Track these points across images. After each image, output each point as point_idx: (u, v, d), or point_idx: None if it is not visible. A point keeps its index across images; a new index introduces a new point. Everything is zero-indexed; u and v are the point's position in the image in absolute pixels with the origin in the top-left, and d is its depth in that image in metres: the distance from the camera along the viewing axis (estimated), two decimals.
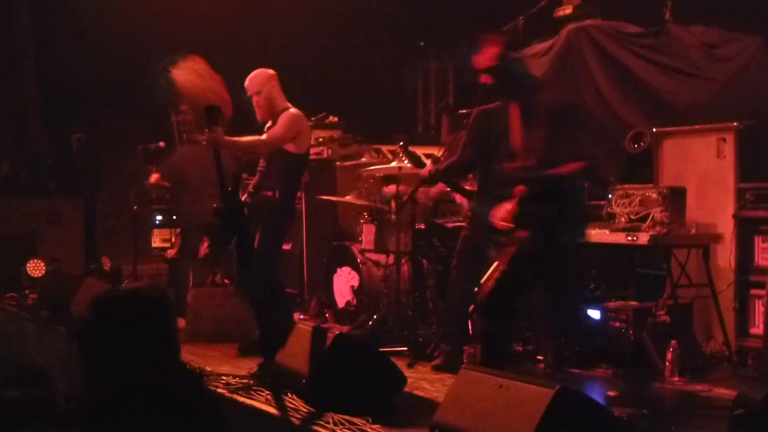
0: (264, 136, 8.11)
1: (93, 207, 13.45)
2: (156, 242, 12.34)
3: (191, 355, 8.12)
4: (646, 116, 9.26)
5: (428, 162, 8.00)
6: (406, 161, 8.27)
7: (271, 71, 8.34)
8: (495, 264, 8.19)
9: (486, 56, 6.01)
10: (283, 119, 8.04)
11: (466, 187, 8.20)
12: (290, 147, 8.06)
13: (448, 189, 8.91)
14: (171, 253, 11.47)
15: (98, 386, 3.23)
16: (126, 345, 3.25)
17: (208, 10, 13.29)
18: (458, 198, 9.09)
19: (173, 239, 11.62)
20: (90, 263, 12.52)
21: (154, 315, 3.34)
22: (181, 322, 9.26)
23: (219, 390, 6.65)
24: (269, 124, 8.24)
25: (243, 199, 7.94)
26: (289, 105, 8.23)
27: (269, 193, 8.10)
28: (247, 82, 8.30)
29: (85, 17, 13.32)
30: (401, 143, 8.29)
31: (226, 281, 9.92)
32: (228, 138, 7.61)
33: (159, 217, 12.26)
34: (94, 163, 13.16)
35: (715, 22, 9.55)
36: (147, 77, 8.15)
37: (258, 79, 8.27)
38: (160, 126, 11.40)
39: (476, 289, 7.90)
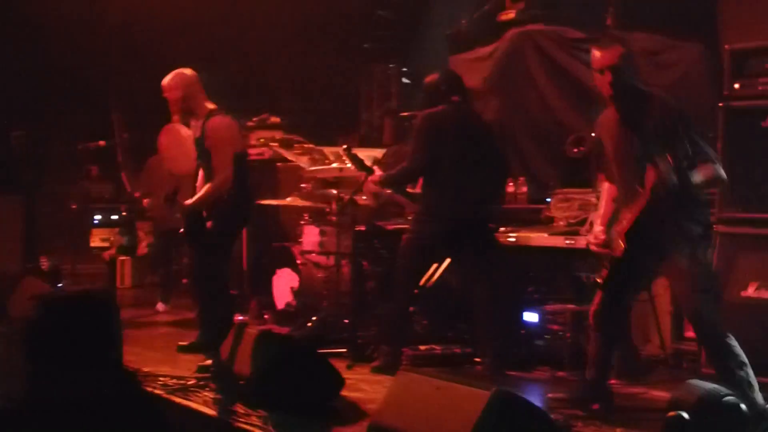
0: (217, 178, 8.06)
1: (32, 205, 13.30)
2: (95, 242, 12.26)
3: (130, 356, 8.07)
4: (587, 121, 9.30)
5: (376, 168, 8.01)
6: (349, 164, 8.26)
7: (189, 71, 8.39)
8: (434, 266, 8.26)
9: (610, 54, 5.95)
10: (216, 137, 8.12)
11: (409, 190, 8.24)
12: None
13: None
14: (109, 253, 11.41)
15: (38, 386, 3.21)
16: (70, 346, 3.22)
17: (153, 8, 13.20)
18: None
19: (112, 239, 11.54)
20: (29, 262, 12.38)
21: (101, 316, 3.32)
22: None
23: (156, 391, 6.60)
24: (194, 122, 8.28)
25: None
26: (212, 105, 8.35)
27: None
28: (166, 83, 8.30)
29: (25, 12, 13.18)
30: (345, 146, 8.28)
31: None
32: (194, 203, 8.08)
33: (98, 217, 12.17)
34: (34, 160, 13.02)
35: (656, 29, 9.62)
36: None
37: (177, 80, 8.30)
38: (100, 124, 11.33)
39: (416, 291, 7.95)
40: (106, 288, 9.02)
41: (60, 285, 10.65)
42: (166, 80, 8.29)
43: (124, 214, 12.13)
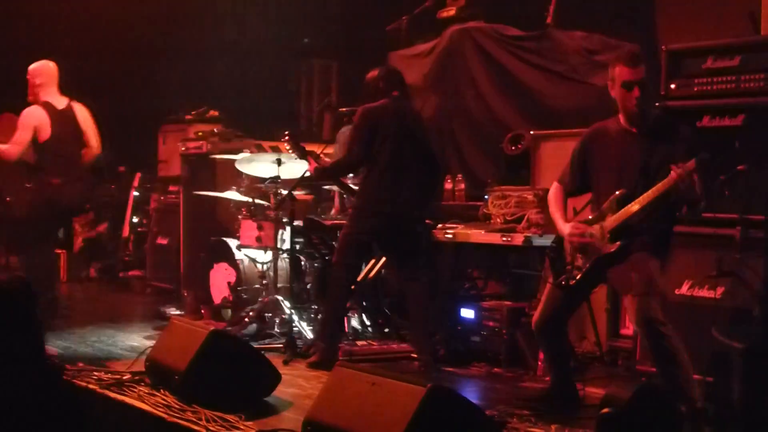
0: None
1: None
2: None
3: (62, 351, 8.02)
4: (525, 119, 9.35)
5: (311, 159, 8.02)
6: (290, 151, 8.23)
7: (52, 64, 9.25)
8: (372, 261, 8.27)
9: (641, 71, 6.07)
10: (20, 119, 9.05)
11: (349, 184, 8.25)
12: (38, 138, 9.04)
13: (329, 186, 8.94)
14: None
15: None
16: None
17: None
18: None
19: None
20: None
21: (17, 308, 3.27)
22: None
23: (90, 386, 6.53)
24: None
25: None
26: (49, 100, 9.13)
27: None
28: (31, 70, 9.14)
29: None
30: (287, 133, 8.25)
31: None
32: None
33: None
34: None
35: (595, 28, 9.68)
36: None
37: (40, 70, 9.16)
38: None
39: (353, 287, 7.95)
40: (21, 278, 8.85)
41: None
42: (33, 68, 9.19)
43: None
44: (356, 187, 8.04)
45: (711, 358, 5.05)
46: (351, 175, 8.43)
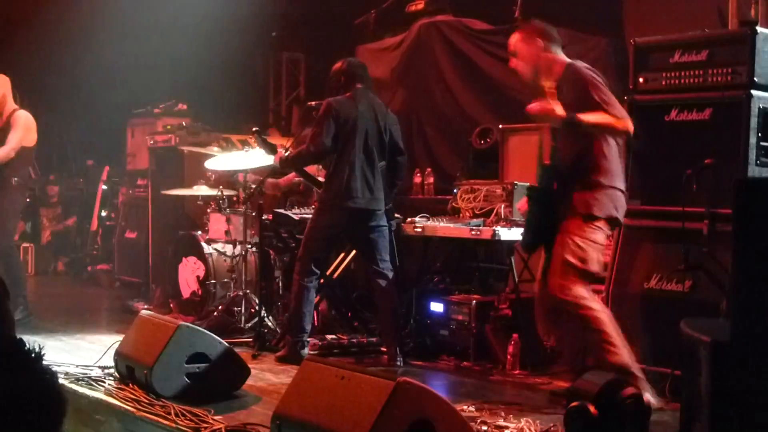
0: (11, 145, 9.16)
1: None
2: None
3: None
4: (493, 112, 9.38)
5: (279, 148, 8.02)
6: (258, 148, 8.22)
7: (5, 77, 9.42)
8: (341, 255, 8.26)
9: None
10: (17, 122, 9.23)
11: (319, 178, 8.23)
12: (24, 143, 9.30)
13: (297, 179, 8.92)
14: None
15: None
16: None
17: None
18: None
19: None
20: None
21: None
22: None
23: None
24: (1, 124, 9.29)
25: None
26: (17, 107, 9.39)
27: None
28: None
29: None
30: (255, 129, 8.24)
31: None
32: None
33: None
34: None
35: (563, 23, 9.71)
36: None
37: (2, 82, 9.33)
38: None
39: (322, 280, 7.95)
40: None
41: None
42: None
43: (27, 200, 11.95)
44: (322, 180, 8.03)
45: (678, 352, 5.07)
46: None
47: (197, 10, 12.72)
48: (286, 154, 7.92)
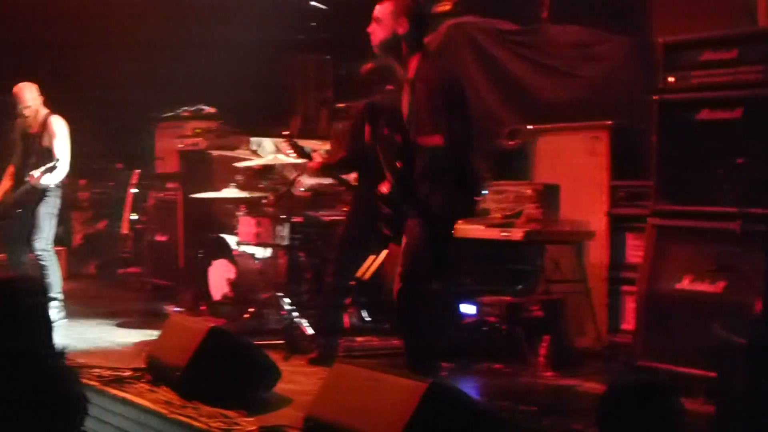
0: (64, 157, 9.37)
1: None
2: None
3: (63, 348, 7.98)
4: (521, 113, 9.35)
5: (316, 155, 7.99)
6: (292, 153, 8.23)
7: (33, 84, 9.63)
8: (371, 257, 8.25)
9: None
10: (58, 129, 9.42)
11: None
12: None
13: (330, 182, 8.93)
14: None
15: None
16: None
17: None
18: None
19: None
20: None
21: (24, 305, 3.28)
22: None
23: (91, 383, 6.55)
24: (35, 129, 9.48)
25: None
26: (48, 110, 9.58)
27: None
28: (18, 93, 9.56)
29: None
30: (287, 134, 8.25)
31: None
32: None
33: None
34: None
35: (590, 22, 9.69)
36: None
37: (30, 92, 9.52)
38: None
39: (352, 282, 7.94)
40: (32, 276, 8.94)
41: None
42: (20, 92, 9.57)
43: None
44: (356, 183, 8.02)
45: (712, 354, 5.03)
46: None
47: (225, 14, 12.76)
48: (326, 160, 7.88)
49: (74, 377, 3.39)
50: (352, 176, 8.16)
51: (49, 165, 9.06)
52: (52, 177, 9.18)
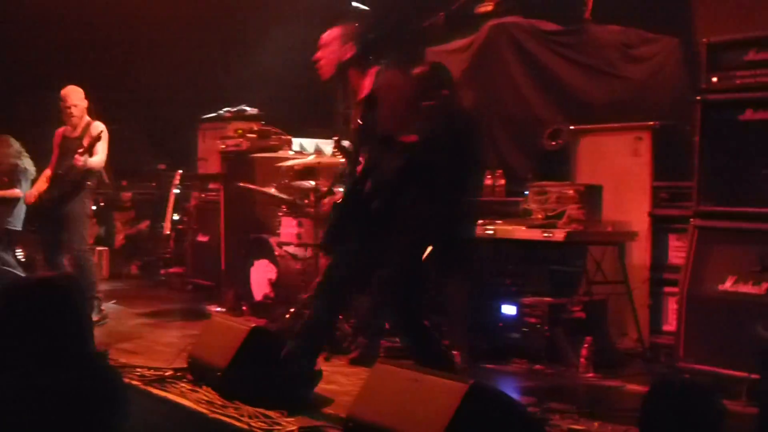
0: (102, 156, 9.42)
1: None
2: None
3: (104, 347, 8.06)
4: (564, 114, 9.32)
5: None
6: (340, 157, 8.23)
7: (79, 89, 9.71)
8: None
9: None
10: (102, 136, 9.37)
11: None
12: None
13: None
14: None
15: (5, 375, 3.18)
16: (37, 333, 3.20)
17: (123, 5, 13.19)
18: None
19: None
20: None
21: (66, 304, 3.29)
22: None
23: (133, 382, 6.58)
24: (77, 132, 9.53)
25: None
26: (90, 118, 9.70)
27: None
28: (68, 94, 9.60)
29: None
30: (336, 138, 8.25)
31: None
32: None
33: None
34: None
35: (633, 22, 9.64)
36: None
37: (78, 94, 9.60)
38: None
39: None
40: (70, 275, 9.00)
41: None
42: (69, 92, 9.65)
43: (101, 204, 12.08)
44: None
45: (755, 355, 5.00)
46: None
47: (269, 17, 12.80)
48: None
49: (117, 377, 3.41)
50: None
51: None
52: (94, 160, 9.21)
